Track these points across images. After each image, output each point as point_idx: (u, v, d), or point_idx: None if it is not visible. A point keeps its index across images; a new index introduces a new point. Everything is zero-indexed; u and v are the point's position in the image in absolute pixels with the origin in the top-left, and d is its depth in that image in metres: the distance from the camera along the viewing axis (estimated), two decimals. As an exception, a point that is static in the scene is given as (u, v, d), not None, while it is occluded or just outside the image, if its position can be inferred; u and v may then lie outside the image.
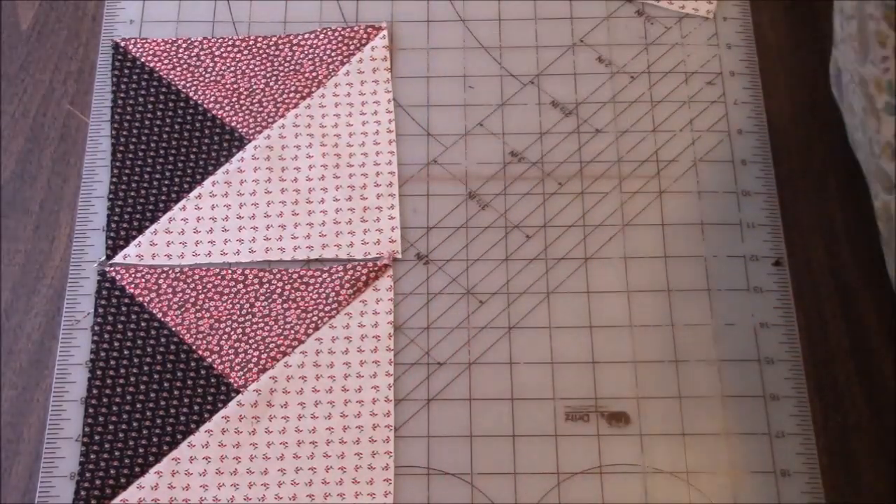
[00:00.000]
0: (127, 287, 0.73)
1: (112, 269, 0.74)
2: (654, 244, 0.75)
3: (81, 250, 0.75)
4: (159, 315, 0.72)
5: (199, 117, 0.79)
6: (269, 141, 0.78)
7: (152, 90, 0.80)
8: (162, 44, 0.82)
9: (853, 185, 0.74)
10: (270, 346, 0.72)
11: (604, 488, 0.68)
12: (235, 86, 0.80)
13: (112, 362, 0.71)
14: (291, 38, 0.82)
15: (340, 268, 0.74)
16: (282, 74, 0.81)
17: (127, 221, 0.75)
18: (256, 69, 0.81)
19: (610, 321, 0.72)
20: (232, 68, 0.81)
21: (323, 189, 0.77)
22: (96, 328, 0.72)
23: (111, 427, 0.69)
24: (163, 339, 0.72)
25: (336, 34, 0.82)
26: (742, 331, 0.72)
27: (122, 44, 0.82)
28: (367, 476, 0.68)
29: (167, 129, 0.79)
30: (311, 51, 0.82)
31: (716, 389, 0.70)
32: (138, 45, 0.82)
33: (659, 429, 0.69)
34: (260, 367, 0.71)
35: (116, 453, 0.68)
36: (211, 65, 0.81)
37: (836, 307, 0.73)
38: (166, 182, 0.77)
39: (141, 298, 0.73)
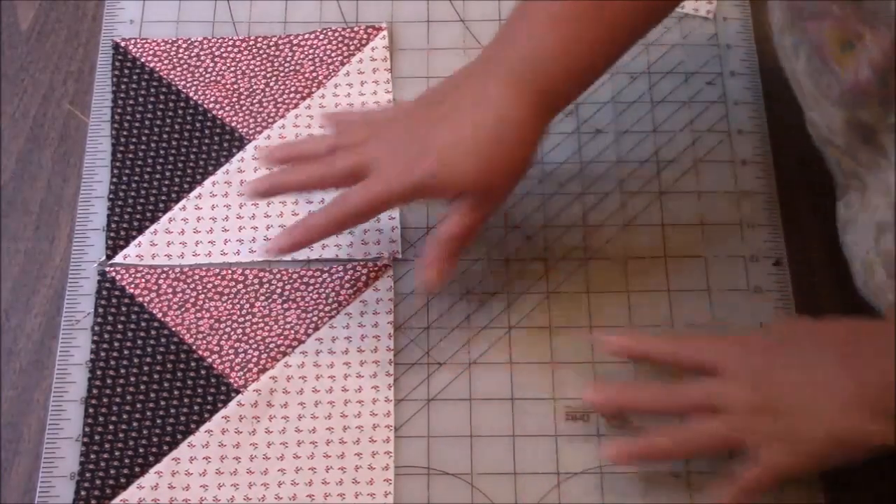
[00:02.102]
0: (127, 287, 0.73)
1: (112, 269, 0.74)
2: (654, 244, 0.75)
3: (81, 250, 0.75)
4: (159, 315, 0.72)
5: (200, 117, 0.79)
6: (269, 141, 0.78)
7: (152, 90, 0.80)
8: (162, 44, 0.82)
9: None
10: (270, 346, 0.71)
11: (604, 488, 0.68)
12: (235, 86, 0.80)
13: (112, 362, 0.71)
14: (291, 38, 0.82)
15: (340, 268, 0.74)
16: (282, 75, 0.81)
17: (127, 221, 0.75)
18: (256, 69, 0.81)
19: (610, 321, 0.72)
20: (232, 68, 0.81)
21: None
22: (96, 328, 0.72)
23: (111, 427, 0.69)
24: (163, 340, 0.72)
25: (336, 34, 0.82)
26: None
27: (122, 44, 0.82)
28: (367, 476, 0.68)
29: (167, 129, 0.79)
30: (311, 51, 0.81)
31: (716, 389, 0.70)
32: (138, 46, 0.82)
33: (659, 429, 0.69)
34: (260, 367, 0.71)
35: (116, 453, 0.68)
36: (211, 65, 0.81)
37: (835, 307, 0.73)
38: (166, 182, 0.77)
39: (141, 299, 0.73)
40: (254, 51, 0.82)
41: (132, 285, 0.73)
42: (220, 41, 0.82)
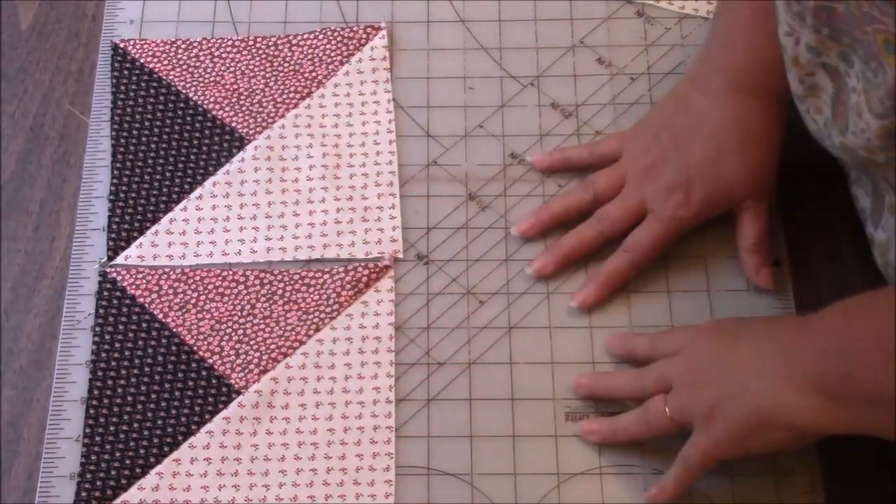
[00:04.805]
0: (128, 288, 0.73)
1: (113, 269, 0.74)
2: (653, 244, 0.75)
3: (81, 250, 0.75)
4: (160, 316, 0.72)
5: (200, 118, 0.79)
6: (269, 141, 0.78)
7: (152, 91, 0.80)
8: (161, 45, 0.82)
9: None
10: (271, 347, 0.71)
11: (604, 488, 0.68)
12: (235, 86, 0.80)
13: (113, 363, 0.71)
14: (291, 38, 0.82)
15: (341, 269, 0.74)
16: (281, 75, 0.81)
17: (128, 222, 0.75)
18: (256, 69, 0.81)
19: (610, 322, 0.72)
20: (231, 69, 0.81)
21: (323, 189, 0.77)
22: (97, 329, 0.72)
23: (112, 428, 0.69)
24: (164, 340, 0.72)
25: (335, 34, 0.82)
26: (742, 331, 0.72)
27: (122, 45, 0.82)
28: (367, 477, 0.68)
29: (167, 129, 0.79)
30: (310, 51, 0.82)
31: (716, 390, 0.70)
32: (137, 47, 0.82)
33: (659, 429, 0.69)
34: (261, 368, 0.71)
35: (117, 454, 0.68)
36: (210, 65, 0.81)
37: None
38: (167, 182, 0.77)
39: (142, 300, 0.73)
40: (253, 51, 0.82)
41: (133, 286, 0.73)
42: (219, 42, 0.82)
